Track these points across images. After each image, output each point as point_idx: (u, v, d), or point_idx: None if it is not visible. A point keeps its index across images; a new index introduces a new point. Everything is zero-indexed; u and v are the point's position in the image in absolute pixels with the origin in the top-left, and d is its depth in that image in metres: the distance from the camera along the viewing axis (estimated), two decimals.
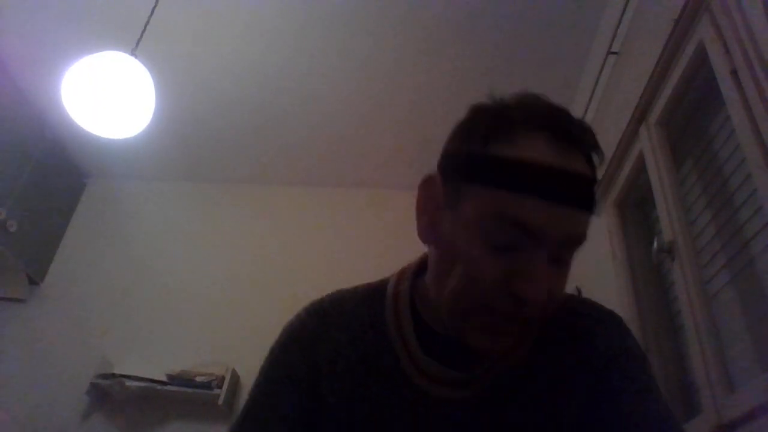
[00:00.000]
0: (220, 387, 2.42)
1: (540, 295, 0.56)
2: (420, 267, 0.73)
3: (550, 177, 0.56)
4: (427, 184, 0.66)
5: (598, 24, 2.13)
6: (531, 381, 0.66)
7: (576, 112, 2.21)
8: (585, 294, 2.17)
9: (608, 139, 1.90)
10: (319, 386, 0.69)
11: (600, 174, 2.17)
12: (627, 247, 1.86)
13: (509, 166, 0.57)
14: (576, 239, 0.59)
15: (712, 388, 1.24)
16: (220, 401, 2.39)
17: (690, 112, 1.56)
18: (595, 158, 0.61)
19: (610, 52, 1.87)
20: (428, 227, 0.65)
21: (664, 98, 1.58)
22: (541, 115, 0.60)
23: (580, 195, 0.57)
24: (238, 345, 2.62)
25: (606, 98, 1.93)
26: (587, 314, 0.71)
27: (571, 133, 0.58)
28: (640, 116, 1.71)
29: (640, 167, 1.76)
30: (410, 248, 0.76)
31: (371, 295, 0.74)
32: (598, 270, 2.05)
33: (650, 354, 1.64)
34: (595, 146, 0.61)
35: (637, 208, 1.93)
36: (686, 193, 1.54)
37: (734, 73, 1.19)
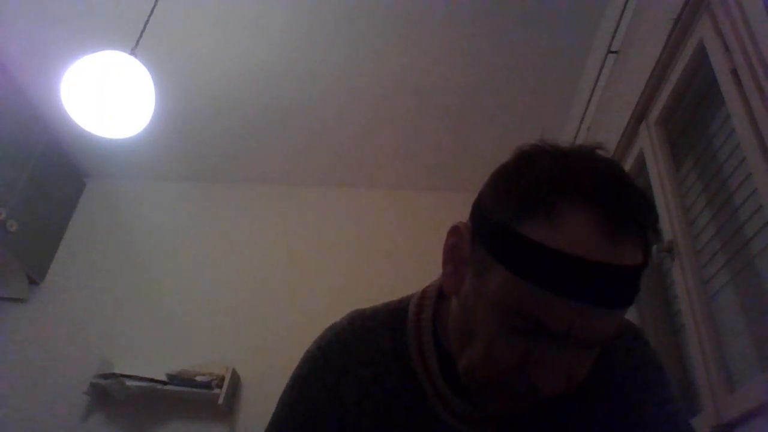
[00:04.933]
0: (220, 387, 2.42)
1: (556, 387, 0.53)
2: (442, 289, 0.69)
3: (588, 276, 0.48)
4: (454, 232, 0.62)
5: (597, 23, 2.13)
6: (553, 409, 0.64)
7: (576, 111, 2.22)
8: None
9: (608, 138, 1.90)
10: (344, 422, 0.67)
11: None
12: None
13: (539, 256, 0.49)
14: (604, 340, 0.53)
15: (712, 388, 1.24)
16: (220, 401, 2.39)
17: (690, 112, 1.56)
18: (651, 237, 0.52)
19: (609, 51, 1.87)
20: (452, 278, 0.61)
21: (663, 97, 1.58)
22: (593, 186, 0.50)
23: (621, 294, 0.50)
24: (238, 345, 2.62)
25: (606, 97, 1.93)
26: None
27: (627, 211, 0.50)
28: (639, 115, 1.70)
29: (640, 166, 1.76)
30: (415, 251, 0.76)
31: (392, 321, 0.70)
32: None
33: None
34: (653, 225, 0.52)
35: None
36: (686, 192, 1.54)
37: (734, 72, 1.19)
